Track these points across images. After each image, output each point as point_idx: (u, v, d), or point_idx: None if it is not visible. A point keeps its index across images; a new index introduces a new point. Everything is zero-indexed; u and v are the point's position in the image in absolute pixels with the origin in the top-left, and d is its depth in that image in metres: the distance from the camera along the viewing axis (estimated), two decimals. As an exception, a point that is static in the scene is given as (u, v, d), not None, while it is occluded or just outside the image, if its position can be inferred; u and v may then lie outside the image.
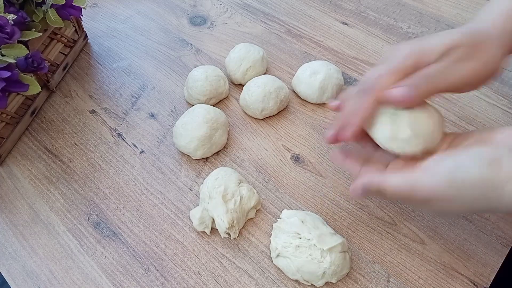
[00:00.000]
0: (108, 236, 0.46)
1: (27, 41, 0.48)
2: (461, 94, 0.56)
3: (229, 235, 0.43)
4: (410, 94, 0.32)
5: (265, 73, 0.59)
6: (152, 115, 0.56)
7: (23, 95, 0.52)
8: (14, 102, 0.51)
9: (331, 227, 0.43)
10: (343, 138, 0.36)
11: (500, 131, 0.32)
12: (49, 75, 0.56)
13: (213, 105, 0.55)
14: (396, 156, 0.36)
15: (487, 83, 0.34)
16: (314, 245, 0.40)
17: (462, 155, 0.30)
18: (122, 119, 0.56)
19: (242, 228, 0.45)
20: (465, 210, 0.34)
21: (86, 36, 0.64)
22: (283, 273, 0.42)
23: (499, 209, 0.29)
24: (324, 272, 0.39)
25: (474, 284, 0.41)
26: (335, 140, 0.36)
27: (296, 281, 0.42)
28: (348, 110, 0.35)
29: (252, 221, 0.46)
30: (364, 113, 0.34)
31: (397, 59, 0.33)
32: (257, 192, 0.46)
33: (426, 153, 0.34)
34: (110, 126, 0.55)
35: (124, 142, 0.54)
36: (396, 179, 0.32)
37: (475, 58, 0.33)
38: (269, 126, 0.55)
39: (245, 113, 0.56)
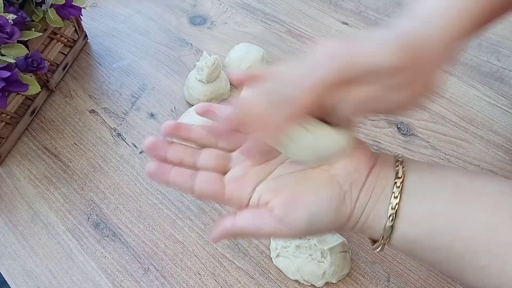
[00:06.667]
0: (108, 236, 0.46)
1: (27, 41, 0.48)
2: (461, 93, 0.56)
3: None
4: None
5: (265, 73, 0.59)
6: (152, 115, 0.56)
7: (22, 95, 0.52)
8: (14, 102, 0.51)
9: (331, 227, 0.43)
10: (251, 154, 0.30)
11: (335, 165, 0.29)
12: (48, 75, 0.56)
13: (213, 105, 0.54)
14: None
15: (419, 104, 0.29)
16: (315, 244, 0.39)
17: (313, 201, 0.29)
18: (122, 119, 0.56)
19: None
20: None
21: (86, 36, 0.64)
22: (283, 273, 0.42)
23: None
24: (324, 272, 0.39)
25: (474, 284, 0.41)
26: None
27: (296, 281, 0.42)
28: (252, 116, 0.27)
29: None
30: (276, 132, 0.27)
31: (321, 64, 0.26)
32: None
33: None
34: (110, 126, 0.55)
35: (124, 142, 0.54)
36: (246, 222, 0.30)
37: (412, 85, 0.27)
38: (269, 126, 0.54)
39: (245, 113, 0.55)
